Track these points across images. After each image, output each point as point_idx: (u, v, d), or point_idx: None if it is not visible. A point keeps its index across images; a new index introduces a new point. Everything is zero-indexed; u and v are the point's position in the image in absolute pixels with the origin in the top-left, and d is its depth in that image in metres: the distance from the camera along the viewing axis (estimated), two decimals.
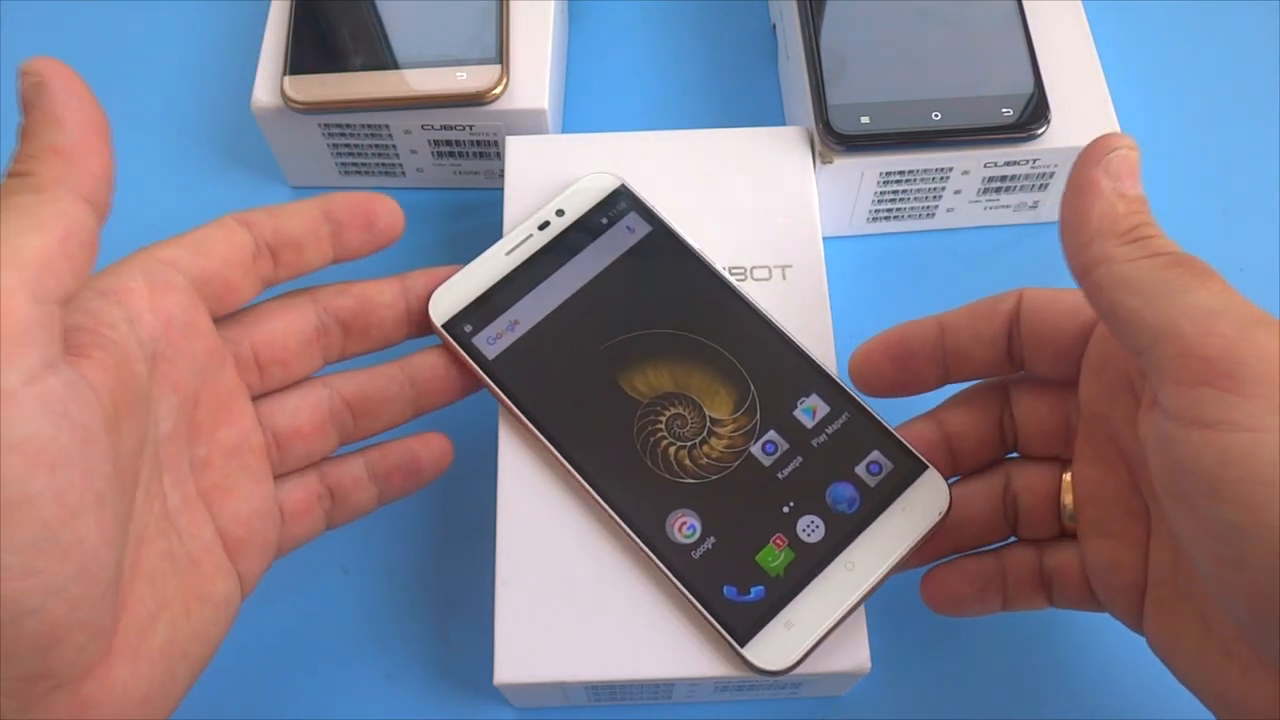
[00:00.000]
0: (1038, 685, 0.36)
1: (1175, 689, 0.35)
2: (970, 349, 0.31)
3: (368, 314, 0.32)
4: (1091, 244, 0.26)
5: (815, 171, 0.38)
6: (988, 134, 0.38)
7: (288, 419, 0.31)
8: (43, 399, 0.22)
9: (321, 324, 0.32)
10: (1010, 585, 0.32)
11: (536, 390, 0.34)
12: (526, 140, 0.39)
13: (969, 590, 0.32)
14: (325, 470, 0.32)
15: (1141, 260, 0.25)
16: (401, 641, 0.36)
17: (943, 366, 0.32)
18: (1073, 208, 0.27)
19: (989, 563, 0.32)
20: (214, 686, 0.36)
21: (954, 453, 0.33)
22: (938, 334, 0.32)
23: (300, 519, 0.32)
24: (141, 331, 0.26)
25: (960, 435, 0.32)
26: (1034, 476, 0.32)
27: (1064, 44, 0.40)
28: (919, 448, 0.32)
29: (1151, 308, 0.25)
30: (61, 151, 0.24)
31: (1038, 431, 0.32)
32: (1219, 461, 0.23)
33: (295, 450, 0.31)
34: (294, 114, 0.39)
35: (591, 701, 0.34)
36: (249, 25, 0.47)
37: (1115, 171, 0.27)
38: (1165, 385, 0.24)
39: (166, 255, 0.28)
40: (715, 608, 0.30)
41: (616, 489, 0.32)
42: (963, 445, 0.32)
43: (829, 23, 0.40)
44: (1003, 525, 0.32)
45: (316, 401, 0.32)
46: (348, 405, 0.32)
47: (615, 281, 0.35)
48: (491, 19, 0.40)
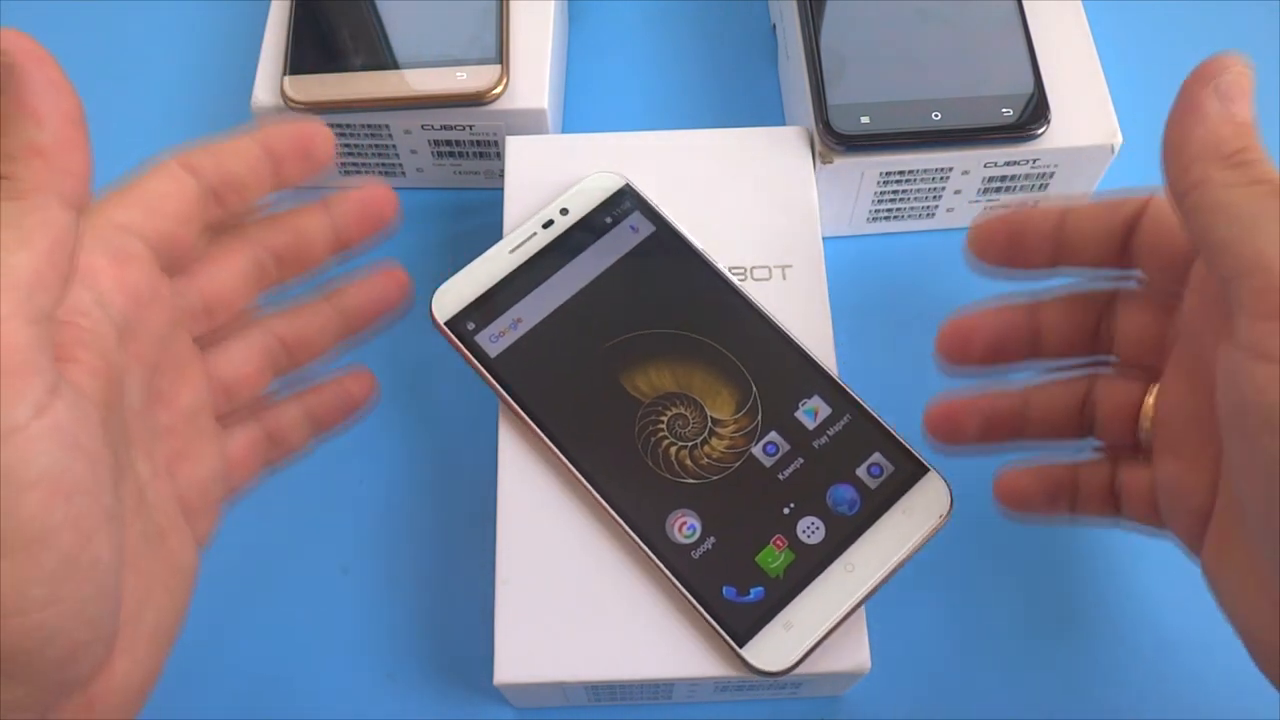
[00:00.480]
0: (1038, 685, 0.36)
1: (1174, 690, 0.35)
2: (1087, 241, 0.31)
3: (299, 244, 0.31)
4: (1192, 166, 0.25)
5: (815, 171, 0.38)
6: (988, 134, 0.38)
7: (233, 368, 0.31)
8: (53, 431, 0.22)
9: (258, 260, 0.31)
10: (1081, 494, 0.32)
11: (538, 389, 0.34)
12: (526, 140, 0.39)
13: (1039, 492, 0.32)
14: (264, 417, 0.32)
15: (1241, 187, 0.25)
16: (401, 641, 0.36)
17: (1056, 252, 0.31)
18: (1176, 128, 0.26)
19: (1063, 472, 0.32)
20: (214, 686, 0.36)
21: (1039, 338, 0.32)
22: (1059, 217, 0.31)
23: (243, 466, 0.31)
24: (113, 312, 0.25)
25: (1052, 327, 0.32)
26: (1119, 386, 0.31)
27: (1064, 44, 0.40)
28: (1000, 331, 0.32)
29: (1244, 235, 0.24)
30: (42, 151, 0.23)
31: (1135, 341, 0.31)
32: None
33: (241, 397, 0.31)
34: (294, 114, 0.39)
35: (591, 701, 0.34)
36: (249, 25, 0.47)
37: (1226, 92, 0.26)
38: (1243, 316, 0.24)
39: (122, 219, 0.27)
40: (715, 608, 0.30)
41: (617, 488, 0.32)
42: (1052, 338, 0.32)
43: (829, 23, 0.40)
44: (1076, 427, 0.32)
45: (255, 345, 0.31)
46: (283, 344, 0.32)
47: (618, 281, 0.35)
48: (491, 19, 0.40)
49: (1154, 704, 0.35)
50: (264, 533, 0.38)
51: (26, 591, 0.21)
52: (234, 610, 0.37)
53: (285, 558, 0.38)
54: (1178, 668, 0.36)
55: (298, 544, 0.38)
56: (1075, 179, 0.40)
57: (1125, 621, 0.36)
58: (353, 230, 0.32)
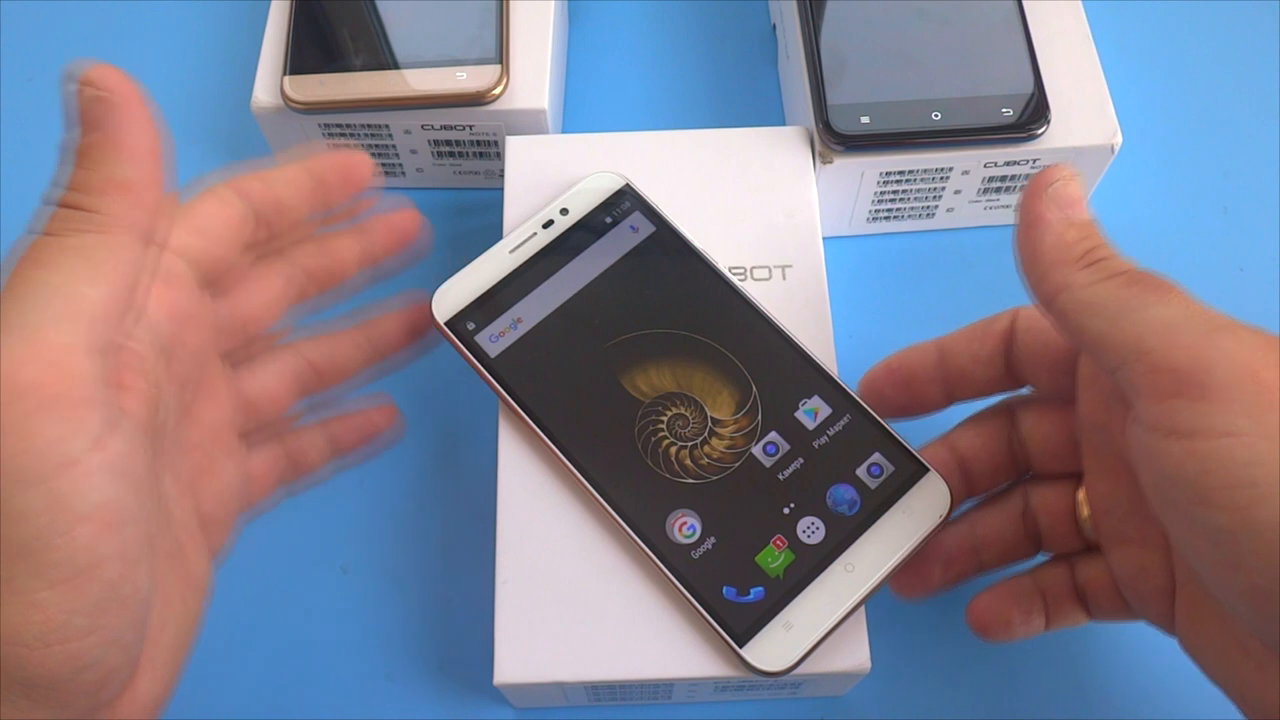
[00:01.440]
0: (1038, 685, 0.36)
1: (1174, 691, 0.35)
2: (970, 369, 0.32)
3: (331, 263, 0.32)
4: (1050, 274, 0.27)
5: (815, 171, 0.38)
6: (988, 134, 0.38)
7: (260, 386, 0.31)
8: (109, 465, 0.22)
9: (290, 277, 0.31)
10: (1049, 603, 0.32)
11: (538, 389, 0.34)
12: (526, 140, 0.39)
13: (1016, 613, 0.32)
14: (287, 440, 0.32)
15: (1100, 283, 0.26)
16: (401, 641, 0.36)
17: (946, 388, 0.33)
18: (1026, 242, 0.28)
19: (1025, 582, 0.32)
20: (214, 686, 0.36)
21: (969, 475, 0.33)
22: (938, 357, 0.33)
23: (261, 483, 0.31)
24: (158, 334, 0.26)
25: (974, 458, 0.33)
26: (1049, 494, 0.32)
27: (1064, 44, 0.40)
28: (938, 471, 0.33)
29: (1115, 328, 0.25)
30: (127, 187, 0.24)
31: (1046, 449, 0.32)
32: (1200, 470, 0.23)
33: (266, 415, 0.31)
34: (294, 114, 0.39)
35: (591, 701, 0.34)
36: (249, 25, 0.47)
37: (1060, 200, 0.28)
38: (1140, 400, 0.25)
39: (173, 243, 0.27)
40: (715, 608, 0.30)
41: (617, 488, 0.32)
42: (977, 467, 0.33)
43: (829, 23, 0.40)
44: (1026, 544, 0.33)
45: (286, 367, 0.32)
46: (313, 368, 0.32)
47: (618, 281, 0.35)
48: (491, 19, 0.40)
49: (1154, 704, 0.35)
50: (264, 532, 0.38)
51: (70, 621, 0.22)
52: (234, 610, 0.37)
53: (285, 558, 0.38)
54: (1177, 667, 0.35)
55: (298, 544, 0.38)
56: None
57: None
58: (381, 253, 0.33)
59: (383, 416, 0.35)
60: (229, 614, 0.37)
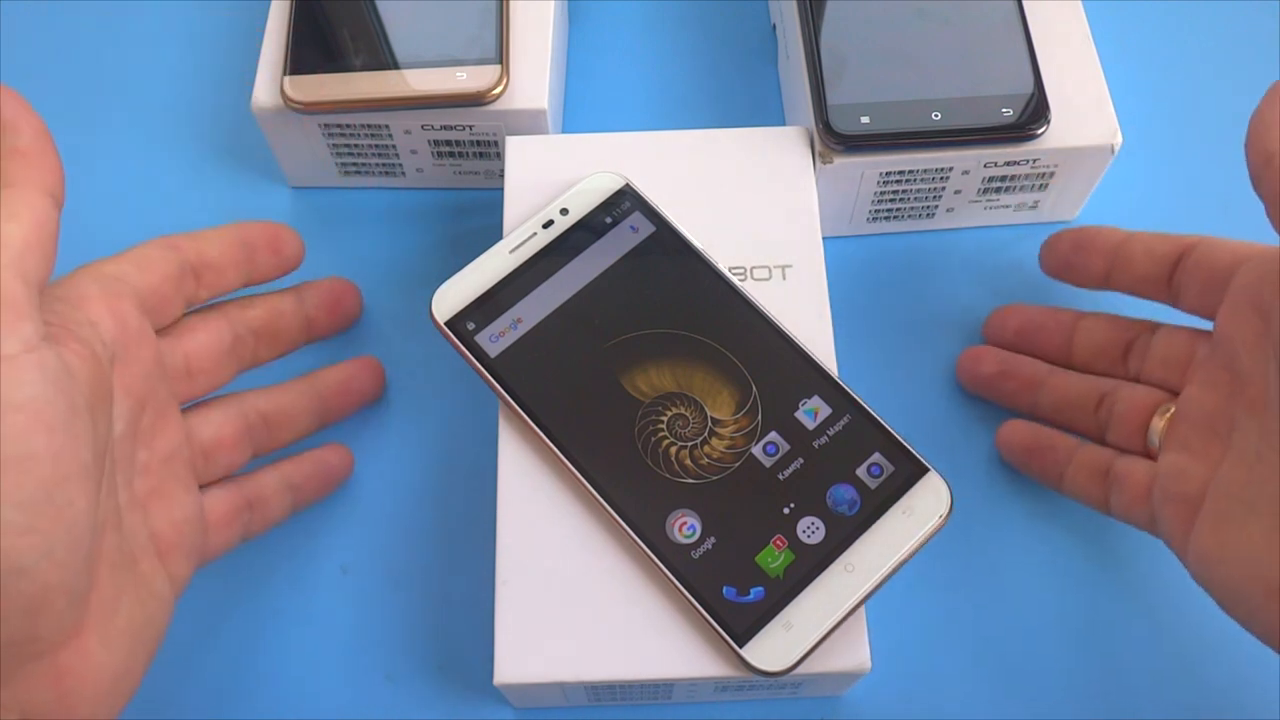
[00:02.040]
0: (1037, 685, 0.36)
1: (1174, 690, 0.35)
2: (1139, 260, 0.34)
3: (274, 322, 0.35)
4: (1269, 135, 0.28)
5: (815, 171, 0.38)
6: (988, 134, 0.38)
7: (212, 431, 0.33)
8: (40, 365, 0.24)
9: (237, 335, 0.34)
10: (1074, 468, 0.34)
11: (538, 389, 0.34)
12: (526, 140, 0.39)
13: (1032, 451, 0.36)
14: (243, 483, 0.34)
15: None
16: (401, 641, 0.36)
17: (1110, 268, 0.35)
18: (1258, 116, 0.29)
19: (1064, 439, 0.35)
20: (214, 685, 0.36)
21: (1072, 345, 0.36)
22: (1120, 239, 0.35)
23: (222, 530, 0.33)
24: (102, 333, 0.28)
25: (1091, 331, 0.36)
26: (1138, 393, 0.34)
27: (1064, 44, 0.40)
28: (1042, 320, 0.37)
29: None
30: (22, 152, 0.26)
31: (1163, 359, 0.34)
32: None
33: (218, 462, 0.33)
34: (294, 114, 0.39)
35: (591, 701, 0.34)
36: (249, 25, 0.47)
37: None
38: None
39: (112, 270, 0.30)
40: (715, 608, 0.30)
41: (617, 488, 0.32)
42: (1087, 340, 0.36)
43: (829, 23, 0.40)
44: (1085, 416, 0.35)
45: (235, 416, 0.34)
46: (263, 420, 0.34)
47: (618, 281, 0.35)
48: (491, 19, 0.40)
49: (1154, 705, 0.35)
50: (264, 533, 0.38)
51: (4, 514, 0.23)
52: (234, 610, 0.37)
53: (285, 558, 0.38)
54: (1177, 668, 0.36)
55: (298, 544, 0.38)
56: (1075, 179, 0.40)
57: (1126, 622, 0.36)
58: (321, 319, 0.37)
59: (338, 458, 0.37)
60: (229, 613, 0.37)
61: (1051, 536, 0.37)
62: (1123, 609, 0.36)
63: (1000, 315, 0.38)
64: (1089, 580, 0.37)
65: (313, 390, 0.36)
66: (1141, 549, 0.37)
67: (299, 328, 0.36)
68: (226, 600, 0.37)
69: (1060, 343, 0.37)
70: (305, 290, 0.37)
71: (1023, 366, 0.37)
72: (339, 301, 0.38)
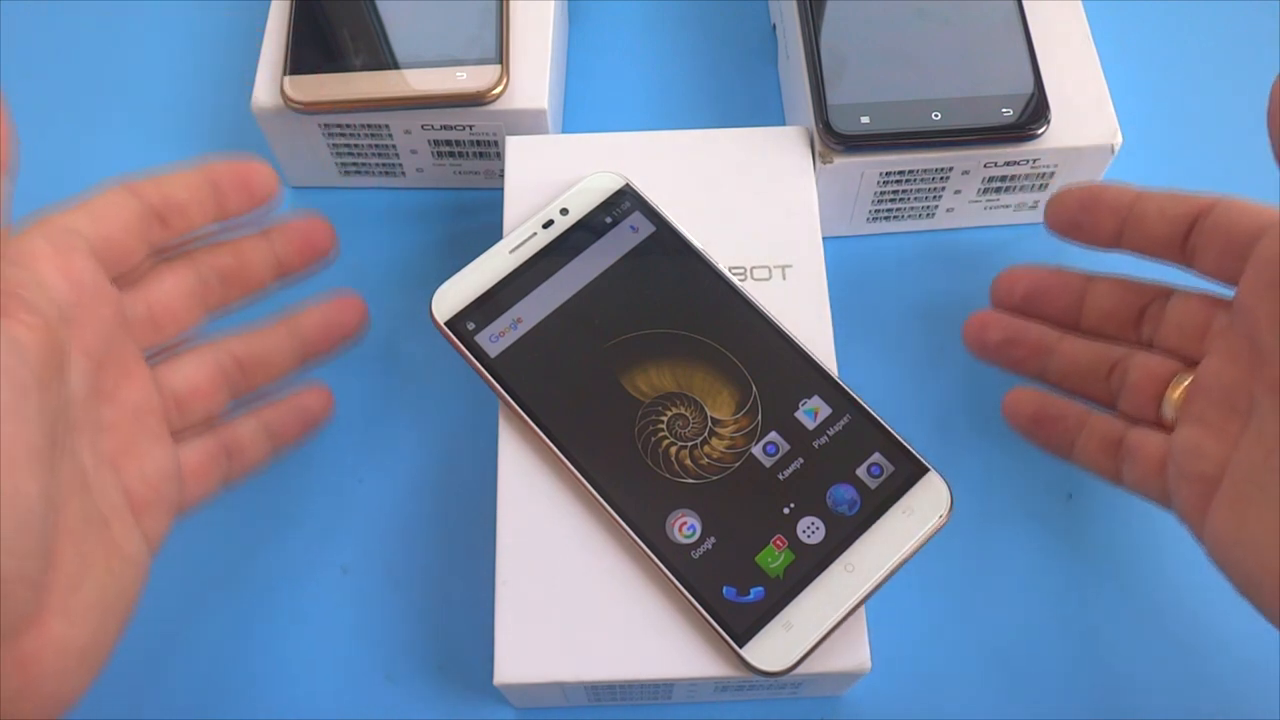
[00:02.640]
0: (1037, 685, 0.36)
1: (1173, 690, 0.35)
2: (1153, 221, 0.32)
3: (242, 265, 0.33)
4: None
5: (815, 171, 0.38)
6: (988, 134, 0.38)
7: (184, 379, 0.32)
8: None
9: (202, 278, 0.32)
10: (1085, 437, 0.33)
11: (538, 389, 0.34)
12: (526, 140, 0.39)
13: (1041, 420, 0.35)
14: (220, 431, 0.33)
15: None
16: (401, 641, 0.36)
17: (1122, 227, 0.33)
18: None
19: (1075, 408, 0.34)
20: (214, 685, 0.36)
21: (1082, 308, 0.35)
22: (1133, 198, 0.33)
23: (199, 479, 0.32)
24: (54, 294, 0.27)
25: (1102, 295, 0.34)
26: (1153, 361, 0.33)
27: (1064, 44, 0.40)
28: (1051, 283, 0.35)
29: None
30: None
31: (1178, 325, 0.33)
32: None
33: (194, 409, 0.32)
34: (294, 114, 0.39)
35: (591, 701, 0.34)
36: (249, 25, 0.47)
37: None
38: None
39: (66, 222, 0.29)
40: (715, 608, 0.30)
41: (617, 488, 0.32)
42: (1098, 304, 0.34)
43: (829, 23, 0.40)
44: (1097, 384, 0.34)
45: (209, 361, 0.32)
46: (238, 364, 0.33)
47: (618, 281, 0.35)
48: (491, 19, 0.40)
49: (1153, 705, 0.35)
50: (264, 533, 0.38)
51: None
52: (234, 609, 0.37)
53: (285, 558, 0.38)
54: (1177, 668, 0.36)
55: (298, 544, 0.38)
56: (1075, 179, 0.40)
57: (1126, 622, 0.36)
58: (294, 257, 0.35)
59: (316, 401, 0.36)
60: (229, 613, 0.37)
61: (1051, 537, 0.37)
62: (1123, 609, 0.36)
63: (1007, 278, 0.37)
64: (1089, 580, 0.37)
65: (290, 331, 0.35)
66: (1141, 549, 0.37)
67: (268, 269, 0.34)
68: (226, 600, 0.37)
69: (1070, 307, 0.35)
70: (274, 230, 0.35)
71: (1031, 332, 0.36)
72: (310, 239, 0.35)
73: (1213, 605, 0.36)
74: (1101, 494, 0.38)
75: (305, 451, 0.39)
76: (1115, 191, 0.33)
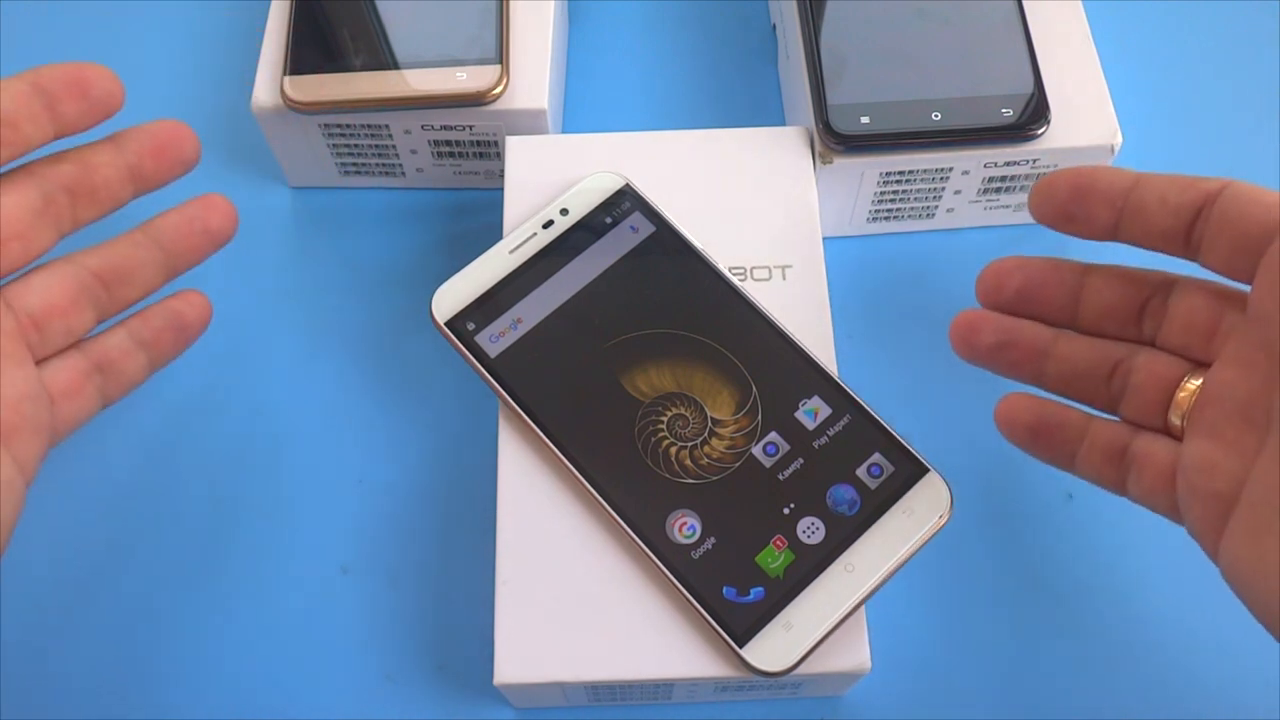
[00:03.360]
0: (1037, 686, 0.36)
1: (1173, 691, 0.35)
2: (1153, 211, 0.29)
3: (89, 177, 0.31)
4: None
5: (815, 171, 0.38)
6: (988, 134, 0.38)
7: (39, 298, 0.30)
8: None
9: (46, 194, 0.30)
10: (1088, 448, 0.31)
11: (538, 389, 0.34)
12: (526, 140, 0.39)
13: (1039, 428, 0.31)
14: (87, 347, 0.31)
15: None
16: (401, 641, 0.36)
17: (1119, 217, 0.30)
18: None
19: (1075, 415, 0.31)
20: (214, 685, 0.36)
21: (1079, 305, 0.31)
22: (1130, 184, 0.30)
23: (71, 399, 0.31)
24: None
25: (1099, 290, 0.31)
26: (1160, 362, 0.30)
27: (1064, 44, 0.40)
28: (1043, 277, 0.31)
29: None
30: None
31: (1184, 323, 0.30)
32: None
33: (54, 329, 0.31)
34: (294, 114, 0.39)
35: (592, 701, 0.34)
36: (249, 25, 0.47)
37: None
38: None
39: None
40: (715, 608, 0.30)
41: (617, 489, 0.32)
42: (1096, 300, 0.31)
43: (829, 23, 0.40)
44: (1099, 387, 0.31)
45: (64, 276, 0.31)
46: (97, 278, 0.31)
47: (618, 281, 0.35)
48: (491, 19, 0.40)
49: (1153, 705, 0.35)
50: (264, 533, 0.38)
51: None
52: (234, 609, 0.37)
53: (285, 558, 0.38)
54: (1177, 669, 0.36)
55: (298, 544, 0.38)
56: None
57: (1125, 623, 0.36)
58: (148, 166, 0.32)
59: (190, 307, 0.34)
60: (229, 613, 0.37)
61: (1051, 537, 0.37)
62: (1122, 609, 0.36)
63: (996, 273, 0.33)
64: (1089, 580, 0.37)
65: (150, 238, 0.32)
66: (1141, 549, 0.37)
67: (122, 180, 0.32)
68: (226, 600, 0.37)
69: (1065, 302, 0.32)
70: (125, 136, 0.32)
71: (1025, 333, 0.32)
72: (168, 144, 0.32)
73: (1213, 606, 0.36)
74: (1101, 494, 0.38)
75: (305, 451, 0.39)
76: (1110, 177, 0.30)
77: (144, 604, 0.37)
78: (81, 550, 0.37)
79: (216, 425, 0.40)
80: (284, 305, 0.42)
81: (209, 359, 0.40)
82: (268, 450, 0.39)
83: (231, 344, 0.41)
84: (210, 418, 0.40)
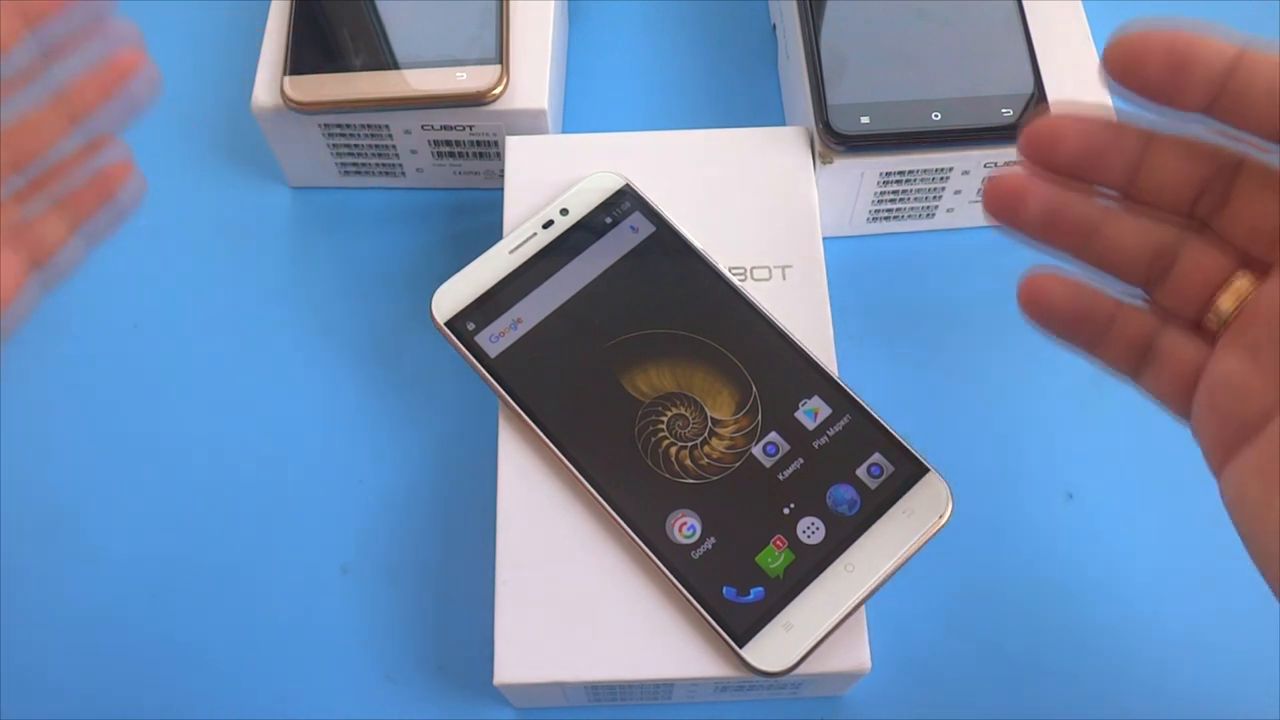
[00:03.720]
0: (1037, 686, 0.36)
1: (1173, 691, 0.35)
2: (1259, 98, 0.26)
3: None
4: None
5: (815, 171, 0.38)
6: (988, 134, 0.38)
7: None
8: None
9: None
10: (1110, 335, 0.28)
11: (538, 389, 0.34)
12: (526, 140, 0.39)
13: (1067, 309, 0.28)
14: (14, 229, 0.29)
15: None
16: (401, 641, 0.36)
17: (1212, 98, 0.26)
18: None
19: (1105, 302, 0.28)
20: (214, 686, 0.36)
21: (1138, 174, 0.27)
22: (1231, 60, 0.26)
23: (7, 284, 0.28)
24: None
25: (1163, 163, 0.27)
26: (1209, 255, 0.27)
27: (1064, 44, 0.40)
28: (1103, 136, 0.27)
29: None
30: None
31: (1248, 217, 0.26)
32: None
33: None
34: (294, 114, 0.39)
35: (591, 702, 0.34)
36: (249, 25, 0.47)
37: None
38: None
39: None
40: (715, 608, 0.30)
41: (617, 489, 0.32)
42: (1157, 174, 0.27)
43: (829, 23, 0.40)
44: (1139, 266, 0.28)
45: None
46: None
47: (618, 281, 0.35)
48: (491, 19, 0.40)
49: (1153, 705, 0.35)
50: (264, 533, 0.38)
51: None
52: (234, 609, 0.37)
53: (285, 558, 0.38)
54: (1177, 669, 0.36)
55: (298, 544, 0.38)
56: None
57: (1126, 623, 0.36)
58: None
59: (115, 171, 0.31)
60: (229, 613, 0.37)
61: (1052, 537, 0.37)
62: (1122, 609, 0.36)
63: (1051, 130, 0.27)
64: (1088, 580, 0.37)
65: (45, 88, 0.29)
66: (1140, 549, 0.37)
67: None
68: (226, 600, 0.37)
69: (1124, 172, 0.28)
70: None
71: (1074, 207, 0.28)
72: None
73: (1213, 607, 0.36)
74: (1102, 494, 0.38)
75: (305, 451, 0.39)
76: (1212, 52, 0.26)
77: (144, 603, 0.37)
78: (81, 550, 0.37)
79: (216, 425, 0.40)
80: (284, 305, 0.42)
81: (209, 359, 0.40)
82: (268, 450, 0.39)
83: (231, 344, 0.41)
84: (210, 417, 0.40)
